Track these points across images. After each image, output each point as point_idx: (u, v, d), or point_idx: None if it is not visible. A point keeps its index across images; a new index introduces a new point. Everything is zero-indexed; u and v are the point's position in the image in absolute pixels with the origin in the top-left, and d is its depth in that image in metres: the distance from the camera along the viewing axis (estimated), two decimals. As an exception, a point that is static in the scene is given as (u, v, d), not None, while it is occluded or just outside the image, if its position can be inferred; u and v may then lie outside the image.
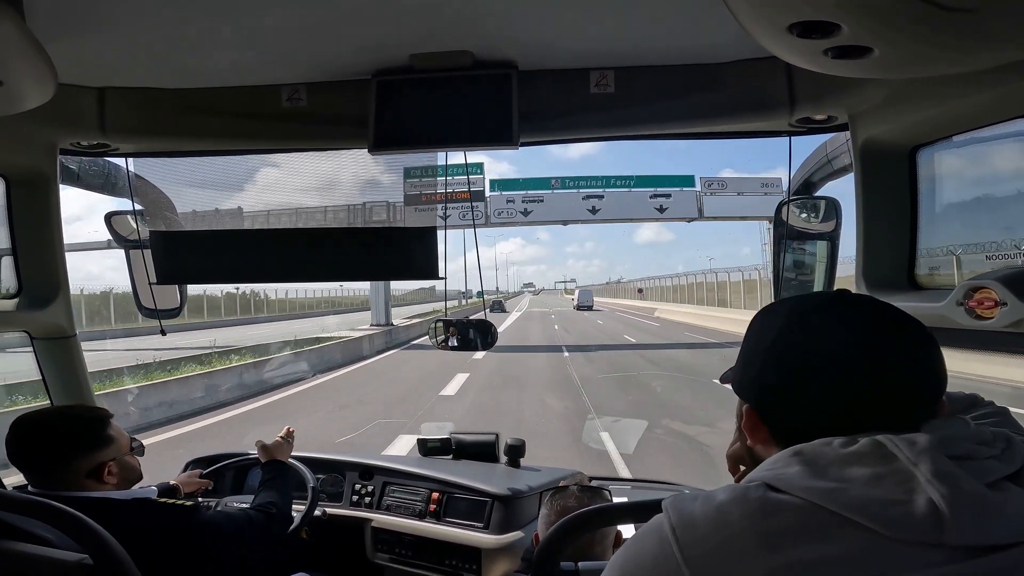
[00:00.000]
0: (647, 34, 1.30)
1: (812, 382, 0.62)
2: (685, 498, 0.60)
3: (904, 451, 0.55)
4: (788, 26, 0.79)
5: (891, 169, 1.32)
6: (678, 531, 0.57)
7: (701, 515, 0.57)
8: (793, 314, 0.67)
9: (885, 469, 0.54)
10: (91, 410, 1.45)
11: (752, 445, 0.69)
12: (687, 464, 6.36)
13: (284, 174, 1.73)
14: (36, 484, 1.33)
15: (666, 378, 12.12)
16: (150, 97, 1.52)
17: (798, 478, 0.56)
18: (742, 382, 0.70)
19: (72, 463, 1.33)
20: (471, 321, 1.92)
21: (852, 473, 0.55)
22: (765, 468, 0.61)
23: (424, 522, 2.03)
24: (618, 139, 1.61)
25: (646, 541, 0.61)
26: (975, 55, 0.85)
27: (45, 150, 1.58)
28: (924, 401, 0.62)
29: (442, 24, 1.26)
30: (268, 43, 1.31)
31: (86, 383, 1.79)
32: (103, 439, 1.38)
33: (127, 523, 1.27)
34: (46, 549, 1.17)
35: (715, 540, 0.55)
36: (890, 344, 0.61)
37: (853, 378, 0.60)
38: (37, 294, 1.64)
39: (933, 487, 0.52)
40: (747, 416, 0.68)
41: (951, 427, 0.59)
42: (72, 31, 1.18)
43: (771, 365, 0.65)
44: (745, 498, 0.57)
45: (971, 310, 1.08)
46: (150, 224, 1.80)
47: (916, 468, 0.53)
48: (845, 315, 0.65)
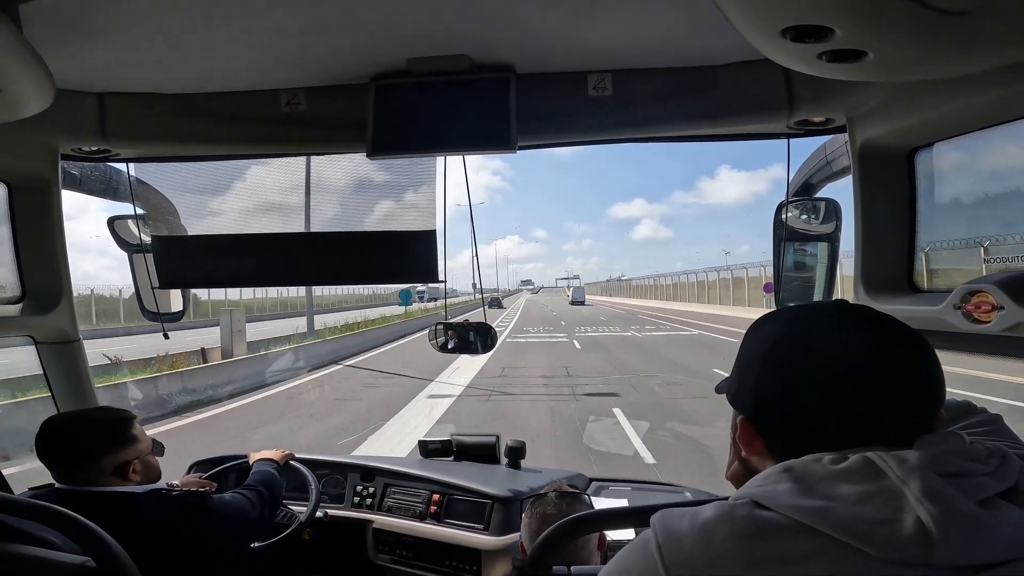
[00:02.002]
0: (645, 37, 1.29)
1: (808, 392, 0.61)
2: (673, 514, 0.60)
3: (894, 468, 0.54)
4: (781, 30, 0.79)
5: (890, 171, 1.31)
6: (664, 549, 0.57)
7: (687, 533, 0.57)
8: (791, 323, 0.67)
9: (874, 487, 0.53)
10: (116, 412, 1.51)
11: (747, 457, 0.68)
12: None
13: (284, 177, 1.73)
14: (63, 480, 1.39)
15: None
16: (150, 102, 1.53)
17: (786, 496, 0.55)
18: (737, 392, 0.69)
19: (98, 461, 1.40)
20: (470, 324, 1.93)
21: (841, 491, 0.54)
22: (755, 484, 0.60)
23: (425, 523, 2.05)
24: (616, 142, 1.60)
25: (633, 556, 0.60)
26: (970, 58, 0.84)
27: (46, 156, 1.59)
28: (921, 413, 0.61)
29: (440, 28, 1.26)
30: (267, 48, 1.32)
31: (90, 387, 1.80)
32: (127, 439, 1.45)
33: (147, 513, 1.36)
34: (50, 552, 1.19)
35: (700, 560, 0.55)
36: (888, 356, 0.60)
37: (850, 389, 0.59)
38: (41, 299, 1.66)
39: (922, 506, 0.51)
40: (742, 427, 0.67)
41: (944, 443, 0.58)
42: (71, 38, 1.19)
43: (767, 374, 0.64)
44: (731, 517, 0.56)
45: (968, 313, 1.07)
46: (152, 228, 1.81)
47: (905, 486, 0.53)
48: (844, 325, 0.64)
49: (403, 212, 1.66)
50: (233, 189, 1.74)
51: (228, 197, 1.74)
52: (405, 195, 1.67)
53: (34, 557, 1.18)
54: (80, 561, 1.16)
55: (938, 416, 0.62)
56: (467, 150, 1.50)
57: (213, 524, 1.46)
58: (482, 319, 2.00)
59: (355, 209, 1.71)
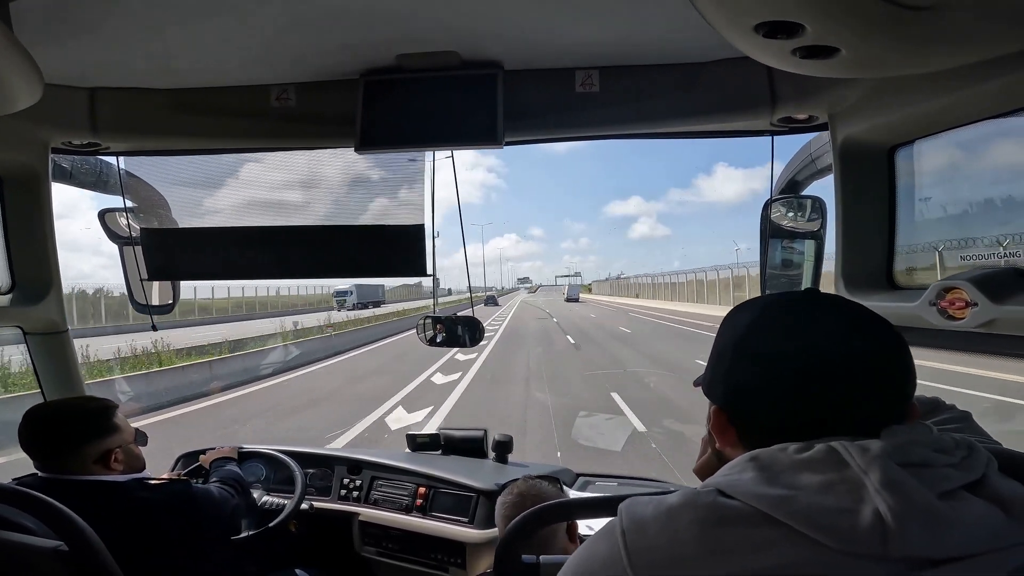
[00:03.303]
0: (631, 34, 1.30)
1: (778, 382, 0.61)
2: (640, 501, 0.60)
3: (856, 458, 0.53)
4: (754, 27, 0.80)
5: (870, 168, 1.32)
6: (628, 535, 0.57)
7: (651, 519, 0.56)
8: (762, 312, 0.66)
9: (837, 476, 0.53)
10: (97, 400, 1.52)
11: (721, 448, 0.67)
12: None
13: (273, 171, 1.74)
14: (46, 470, 1.40)
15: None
16: (140, 97, 1.54)
17: (750, 484, 0.55)
18: (711, 382, 0.69)
19: (80, 449, 1.41)
20: (459, 318, 1.93)
21: (803, 480, 0.54)
22: (722, 474, 0.60)
23: (411, 516, 2.06)
24: (603, 138, 1.61)
25: (599, 543, 0.60)
26: (940, 54, 0.85)
27: (37, 149, 1.60)
28: (891, 403, 0.60)
29: (429, 25, 1.27)
30: (257, 43, 1.33)
31: (78, 377, 1.81)
32: (109, 427, 1.46)
33: (132, 501, 1.37)
34: (25, 536, 1.21)
35: (663, 546, 0.54)
36: (858, 346, 0.60)
37: (818, 379, 0.59)
38: (30, 290, 1.67)
39: (880, 497, 0.50)
40: (715, 417, 0.67)
41: (910, 433, 0.57)
42: (61, 33, 1.20)
43: (739, 364, 0.64)
44: (695, 504, 0.56)
45: (943, 310, 1.08)
46: (143, 221, 1.82)
47: (866, 476, 0.52)
48: (814, 314, 0.63)
49: (392, 206, 1.67)
50: (223, 183, 1.75)
51: (218, 191, 1.74)
52: (394, 190, 1.68)
53: (7, 541, 1.19)
54: (53, 545, 1.17)
55: (909, 408, 0.61)
56: (455, 145, 1.51)
57: (198, 511, 1.47)
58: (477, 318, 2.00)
59: (344, 203, 1.71)
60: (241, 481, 1.77)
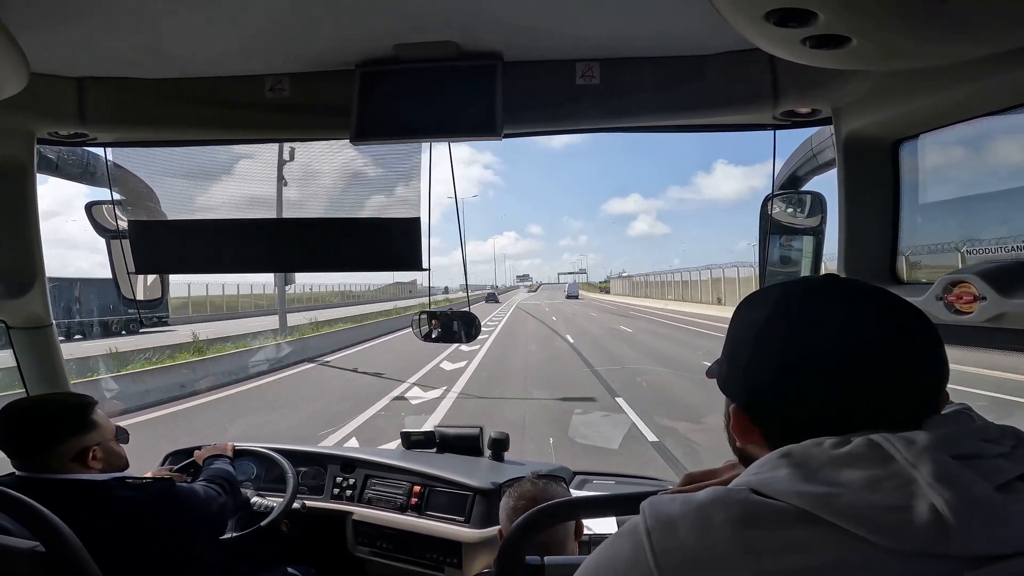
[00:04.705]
0: (633, 25, 1.28)
1: (807, 379, 0.57)
2: (664, 499, 0.56)
3: (902, 451, 0.50)
4: (765, 14, 0.78)
5: (874, 163, 1.31)
6: (654, 534, 0.52)
7: (681, 517, 0.52)
8: (781, 303, 0.61)
9: (882, 472, 0.49)
10: (76, 396, 1.47)
11: (743, 446, 0.63)
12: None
13: (265, 163, 1.71)
14: (23, 468, 1.36)
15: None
16: (130, 87, 1.50)
17: (787, 482, 0.51)
18: (728, 380, 0.64)
19: (57, 447, 1.36)
20: (455, 313, 1.91)
21: (846, 477, 0.50)
22: (751, 472, 0.56)
23: (405, 515, 2.02)
24: (603, 131, 1.59)
25: (621, 543, 0.56)
26: (952, 46, 0.84)
27: (22, 139, 1.55)
28: (928, 393, 0.57)
29: (427, 14, 1.24)
30: (251, 33, 1.29)
31: (62, 372, 1.77)
32: (87, 424, 1.42)
33: (113, 501, 1.33)
34: (1, 537, 1.17)
35: (695, 546, 0.50)
36: (889, 333, 0.56)
37: (853, 371, 0.55)
38: (13, 283, 1.62)
39: (935, 491, 0.47)
40: (735, 417, 0.63)
41: (955, 423, 0.54)
42: (48, 21, 1.16)
43: (759, 360, 0.60)
44: (727, 501, 0.52)
45: (950, 304, 1.07)
46: (131, 214, 1.77)
47: (916, 470, 0.48)
48: (838, 302, 0.59)
49: (388, 200, 1.64)
50: (213, 175, 1.71)
51: (208, 183, 1.71)
52: (390, 183, 1.65)
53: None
54: (30, 546, 1.14)
55: (943, 397, 0.58)
56: (452, 136, 1.49)
57: (182, 510, 1.44)
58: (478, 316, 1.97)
59: (339, 196, 1.68)
60: (231, 479, 1.73)
